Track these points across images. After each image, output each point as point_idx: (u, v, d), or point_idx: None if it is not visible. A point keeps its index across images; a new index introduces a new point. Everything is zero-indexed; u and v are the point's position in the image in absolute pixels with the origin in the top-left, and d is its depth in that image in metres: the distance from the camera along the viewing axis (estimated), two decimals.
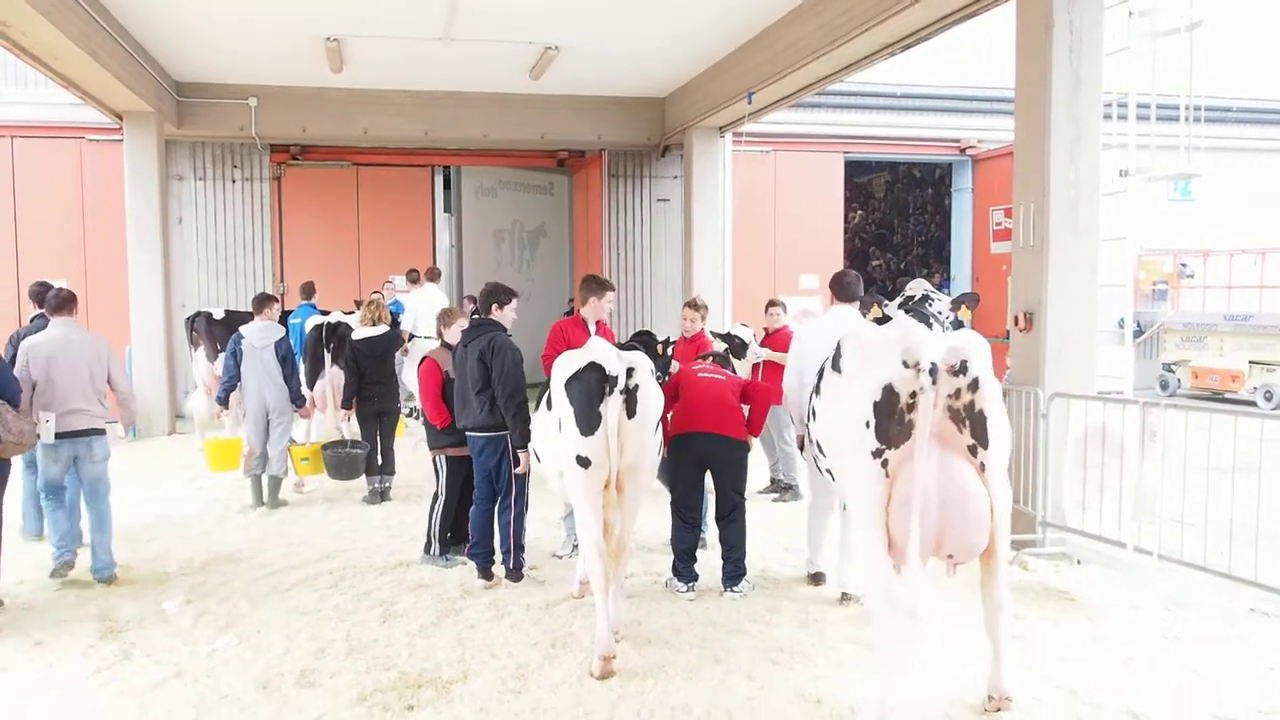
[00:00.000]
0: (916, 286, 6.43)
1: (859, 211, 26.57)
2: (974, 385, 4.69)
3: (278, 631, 6.42)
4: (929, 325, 5.43)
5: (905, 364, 4.63)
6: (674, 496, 7.21)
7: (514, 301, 7.48)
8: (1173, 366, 18.22)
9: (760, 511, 9.20)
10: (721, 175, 16.36)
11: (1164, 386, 18.10)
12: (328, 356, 10.75)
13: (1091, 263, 8.10)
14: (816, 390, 5.60)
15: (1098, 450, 7.45)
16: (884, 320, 6.23)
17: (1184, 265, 19.29)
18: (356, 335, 10.22)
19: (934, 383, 4.60)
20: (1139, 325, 16.41)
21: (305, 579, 7.55)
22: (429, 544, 7.89)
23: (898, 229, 26.54)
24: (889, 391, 4.68)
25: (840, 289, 7.04)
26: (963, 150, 19.69)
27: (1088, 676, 5.54)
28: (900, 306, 6.32)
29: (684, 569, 7.08)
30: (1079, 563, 7.69)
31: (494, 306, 7.39)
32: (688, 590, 7.01)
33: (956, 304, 6.42)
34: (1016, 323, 8.25)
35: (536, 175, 19.86)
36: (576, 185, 20.11)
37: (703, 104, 15.04)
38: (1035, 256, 8.08)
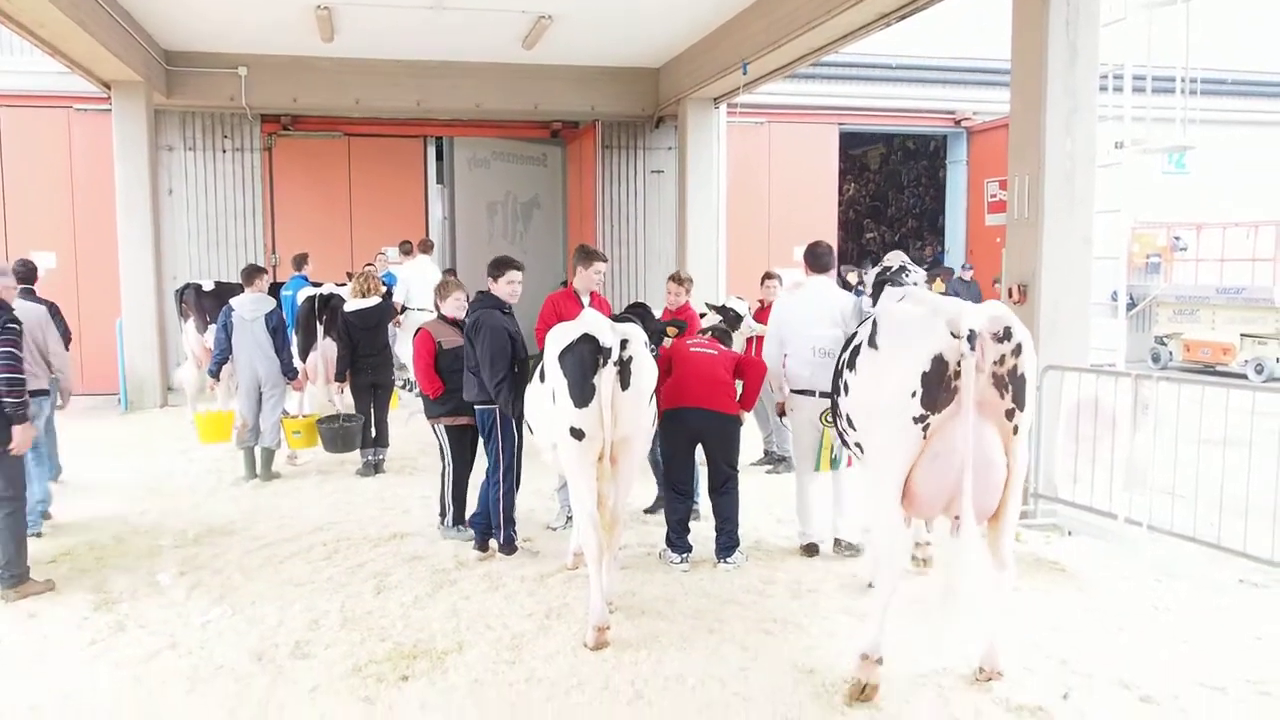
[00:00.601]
0: (894, 258, 6.53)
1: (853, 184, 26.52)
2: (1017, 350, 4.80)
3: (272, 603, 6.42)
4: None
5: (953, 334, 4.72)
6: (667, 470, 7.24)
7: (509, 273, 7.35)
8: (1164, 339, 18.26)
9: (753, 483, 9.22)
10: (716, 147, 16.28)
11: (1155, 359, 18.15)
12: (320, 328, 10.73)
13: (1086, 235, 8.09)
14: (850, 365, 5.58)
15: (1090, 422, 7.47)
16: (877, 289, 6.32)
17: (1177, 238, 19.30)
18: (349, 307, 10.19)
19: (973, 349, 4.67)
20: (1131, 298, 16.41)
21: (299, 551, 7.55)
22: (443, 513, 7.92)
23: (892, 201, 26.52)
24: (939, 361, 4.76)
25: (814, 260, 7.31)
26: (958, 122, 19.63)
27: (1078, 646, 5.57)
28: (878, 278, 6.39)
29: (678, 540, 7.10)
30: (1070, 534, 7.73)
31: (489, 280, 7.37)
32: (681, 561, 7.04)
33: (931, 277, 6.65)
34: (1010, 295, 8.24)
35: (530, 146, 19.75)
36: (570, 156, 20.02)
37: (697, 75, 14.95)
38: (1030, 228, 8.07)
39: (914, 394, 4.80)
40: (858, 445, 5.63)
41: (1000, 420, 4.87)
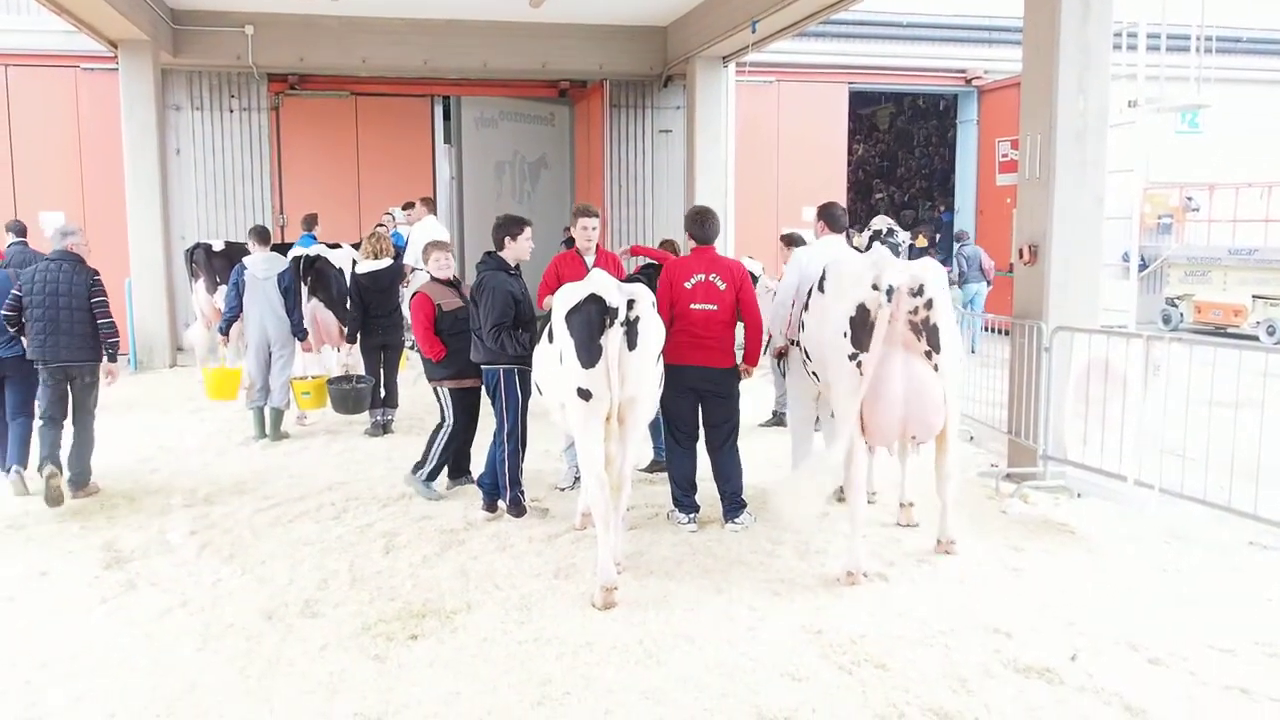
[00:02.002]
0: (880, 222, 7.46)
1: (862, 143, 26.33)
2: (929, 304, 5.87)
3: (281, 562, 6.46)
4: (895, 253, 6.42)
5: (874, 287, 5.82)
6: (669, 428, 7.18)
7: (526, 230, 7.30)
8: (1176, 301, 18.17)
9: (762, 445, 9.24)
10: (724, 106, 16.17)
11: (1166, 321, 18.07)
12: (304, 289, 10.71)
13: (1098, 195, 8.01)
14: (805, 307, 6.83)
15: (1100, 384, 7.45)
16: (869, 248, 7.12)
17: (1189, 199, 19.14)
18: (361, 269, 10.18)
19: (889, 301, 5.77)
20: (1143, 259, 16.31)
21: (308, 510, 7.59)
22: (421, 465, 7.91)
23: (902, 161, 26.33)
24: (861, 309, 5.90)
25: (831, 220, 7.66)
26: (968, 81, 19.44)
27: (1086, 608, 5.58)
28: (870, 239, 7.31)
29: (685, 500, 7.10)
30: (1079, 496, 7.72)
31: (507, 240, 7.29)
32: (689, 522, 7.04)
33: (914, 234, 7.67)
34: (1021, 255, 8.19)
35: (537, 105, 19.59)
36: (578, 116, 19.86)
37: (706, 33, 14.82)
38: (1041, 188, 8.00)
39: (845, 334, 6.00)
40: (814, 373, 6.84)
41: (923, 358, 5.96)
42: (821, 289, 6.50)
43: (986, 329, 9.91)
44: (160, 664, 5.03)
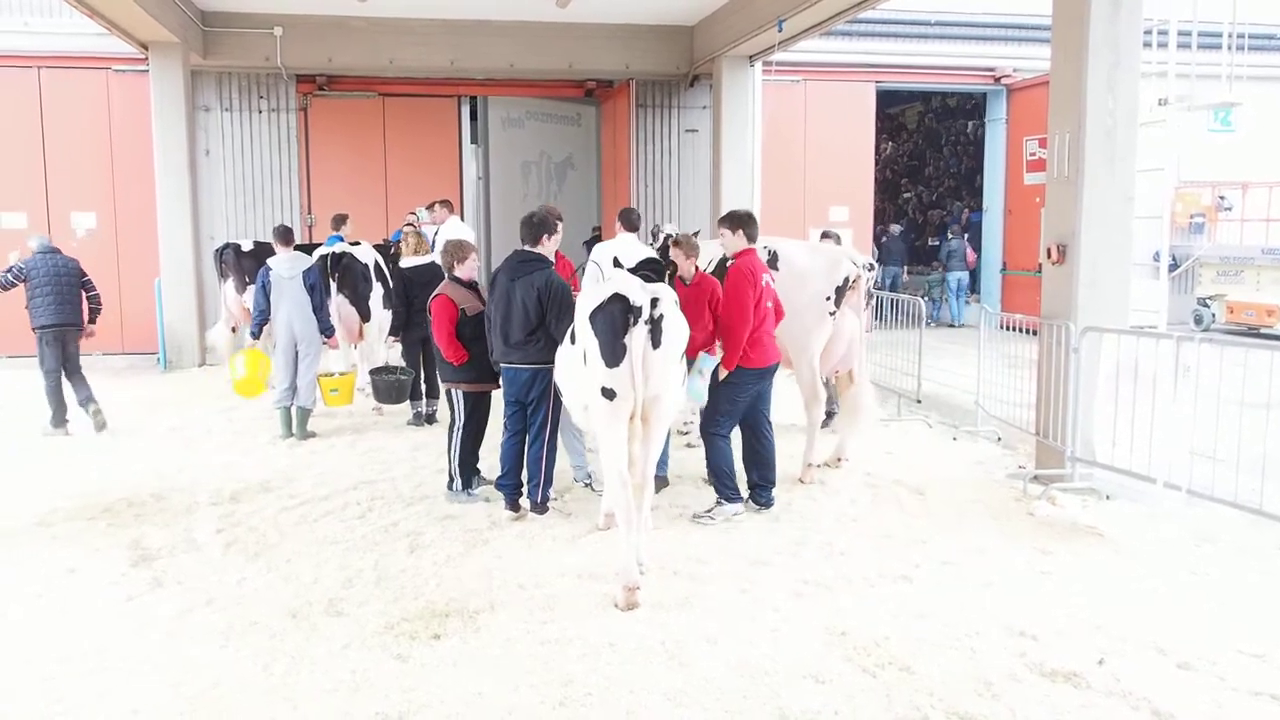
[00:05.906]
0: (668, 227, 10.49)
1: (890, 143, 26.20)
2: (873, 275, 8.54)
3: (306, 561, 6.49)
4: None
5: (855, 263, 8.23)
6: (704, 419, 7.32)
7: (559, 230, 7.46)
8: (1208, 301, 17.95)
9: (789, 443, 9.20)
10: (751, 105, 16.14)
11: (1198, 321, 17.85)
12: (334, 286, 10.92)
13: (1127, 194, 7.92)
14: None
15: (1129, 385, 7.37)
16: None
17: (1222, 198, 18.92)
18: (404, 264, 10.25)
19: (867, 273, 8.45)
20: (1174, 259, 16.13)
21: (333, 509, 7.62)
22: (451, 480, 7.90)
23: (930, 160, 26.18)
24: (846, 280, 8.19)
25: (627, 222, 8.79)
26: (997, 80, 19.31)
27: (1114, 611, 5.52)
28: (665, 237, 9.36)
29: (730, 490, 7.19)
30: (1108, 498, 7.64)
31: (545, 237, 7.28)
32: (737, 514, 7.15)
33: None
34: (1049, 255, 8.12)
35: (564, 106, 19.63)
36: (604, 116, 19.89)
37: (732, 32, 14.78)
38: (1069, 187, 7.92)
39: (828, 298, 8.16)
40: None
41: (860, 313, 8.41)
42: (775, 267, 8.24)
43: (1010, 328, 9.84)
44: (184, 661, 5.06)
